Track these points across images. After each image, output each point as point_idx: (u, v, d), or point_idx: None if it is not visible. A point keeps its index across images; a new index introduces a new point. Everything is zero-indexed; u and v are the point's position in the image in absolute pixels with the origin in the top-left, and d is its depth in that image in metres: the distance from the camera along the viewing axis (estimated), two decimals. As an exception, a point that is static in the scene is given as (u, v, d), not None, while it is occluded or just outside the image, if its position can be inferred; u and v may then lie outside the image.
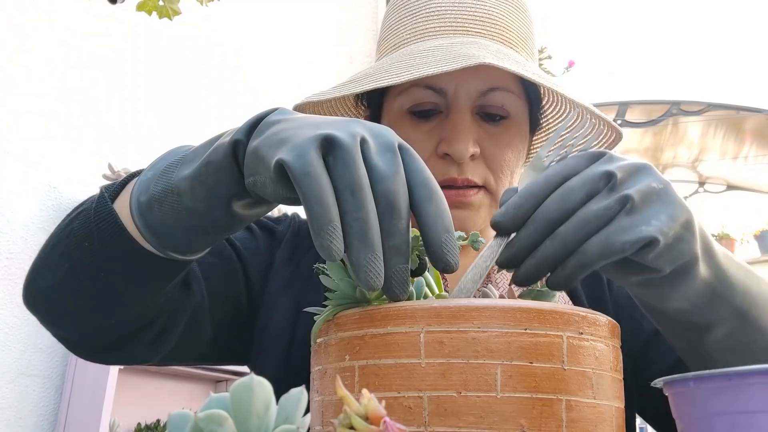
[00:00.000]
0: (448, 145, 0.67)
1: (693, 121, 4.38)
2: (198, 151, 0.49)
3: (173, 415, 0.27)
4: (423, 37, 0.70)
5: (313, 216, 0.37)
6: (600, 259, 0.42)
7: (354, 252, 0.38)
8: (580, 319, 0.40)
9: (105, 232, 0.52)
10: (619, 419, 0.41)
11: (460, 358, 0.37)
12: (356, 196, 0.38)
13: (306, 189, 0.37)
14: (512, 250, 0.45)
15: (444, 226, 0.40)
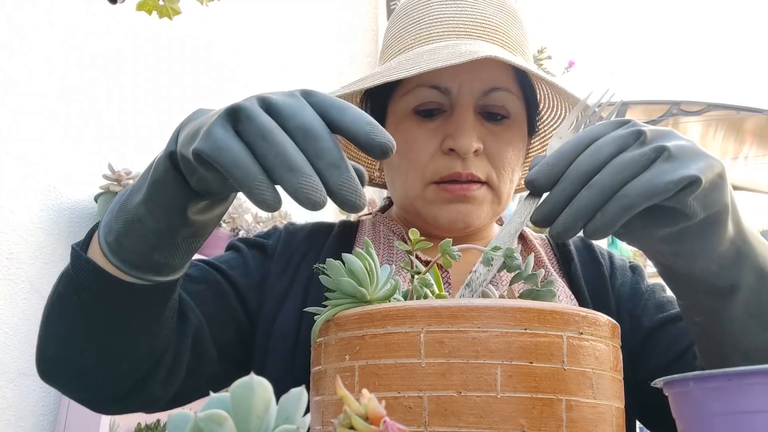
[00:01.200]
0: (453, 141, 0.69)
1: (693, 121, 4.38)
2: (143, 176, 0.51)
3: (173, 415, 0.27)
4: (427, 41, 0.73)
5: (239, 182, 0.38)
6: (643, 201, 0.43)
7: (286, 183, 0.38)
8: (580, 319, 0.40)
9: (87, 280, 0.53)
10: (619, 419, 0.41)
11: (460, 358, 0.37)
12: (267, 138, 0.39)
13: (223, 161, 0.39)
14: (547, 206, 0.46)
15: (365, 119, 0.40)
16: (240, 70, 2.72)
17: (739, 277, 0.52)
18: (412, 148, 0.72)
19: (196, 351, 0.65)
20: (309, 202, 0.37)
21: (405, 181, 0.73)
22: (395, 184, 0.76)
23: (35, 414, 1.78)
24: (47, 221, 1.89)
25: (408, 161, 0.72)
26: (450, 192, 0.70)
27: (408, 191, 0.73)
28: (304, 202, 0.37)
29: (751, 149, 4.83)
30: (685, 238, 0.49)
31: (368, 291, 0.43)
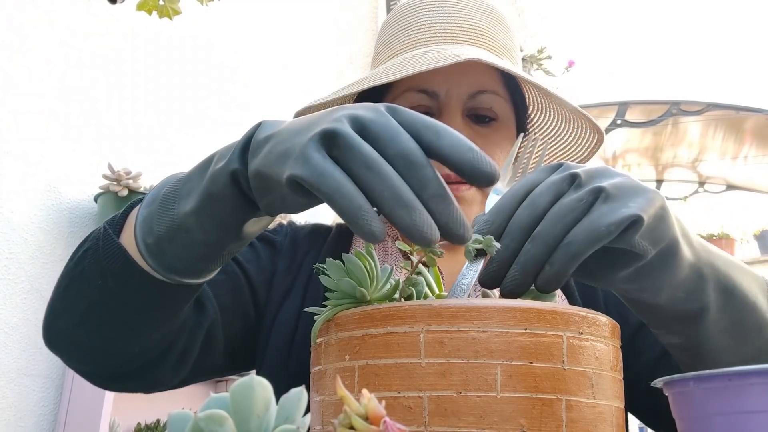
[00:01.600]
0: None
1: (693, 121, 4.38)
2: (192, 181, 0.48)
3: (173, 415, 0.27)
4: (415, 46, 0.74)
5: (343, 211, 0.36)
6: (587, 246, 0.42)
7: (398, 219, 0.36)
8: (580, 319, 0.40)
9: (117, 269, 0.52)
10: (620, 419, 0.41)
11: (460, 358, 0.37)
12: (373, 169, 0.36)
13: (326, 190, 0.36)
14: (493, 265, 0.45)
15: (466, 145, 0.38)
16: (240, 70, 2.72)
17: (706, 299, 0.51)
18: None
19: (207, 343, 0.65)
20: (424, 240, 0.36)
21: None
22: None
23: (35, 414, 1.78)
24: (47, 221, 1.89)
25: None
26: None
27: None
28: (419, 239, 0.36)
29: (751, 149, 4.84)
30: (643, 276, 0.48)
31: (368, 291, 0.43)
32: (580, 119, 0.78)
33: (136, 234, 0.51)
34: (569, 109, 0.77)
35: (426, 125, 0.39)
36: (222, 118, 2.57)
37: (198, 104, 2.47)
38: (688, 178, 5.53)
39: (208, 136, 2.50)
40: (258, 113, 2.77)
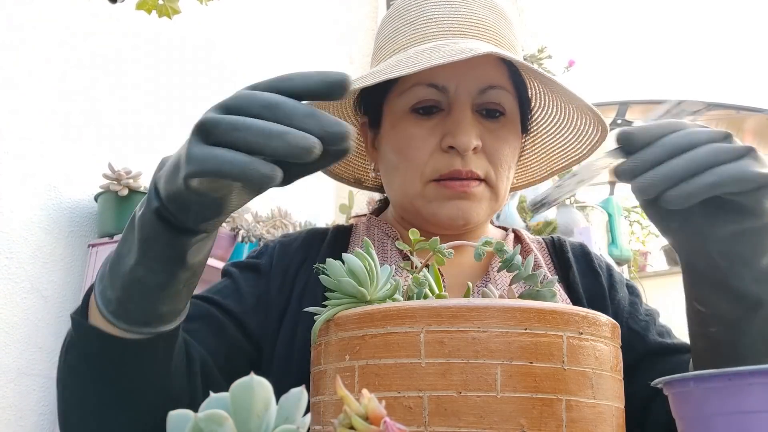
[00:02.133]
0: (453, 138, 0.69)
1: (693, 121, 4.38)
2: (126, 240, 0.51)
3: (173, 415, 0.27)
4: (422, 40, 0.72)
5: (235, 175, 0.39)
6: (731, 183, 0.46)
7: (276, 149, 0.39)
8: (580, 319, 0.40)
9: (96, 348, 0.54)
10: (619, 419, 0.41)
11: (460, 358, 0.37)
12: (239, 127, 0.40)
13: (212, 168, 0.40)
14: (635, 161, 0.48)
15: (312, 73, 0.43)
16: (240, 70, 2.72)
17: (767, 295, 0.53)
18: (411, 146, 0.72)
19: (206, 386, 0.65)
20: (304, 150, 0.39)
21: (404, 180, 0.73)
22: (393, 184, 0.76)
23: (35, 414, 1.78)
24: (47, 221, 1.89)
25: (407, 159, 0.72)
26: (450, 189, 0.70)
27: (407, 190, 0.73)
28: (300, 152, 0.39)
29: (751, 149, 4.83)
30: (742, 239, 0.50)
31: (368, 291, 0.43)
32: (585, 115, 0.77)
33: (99, 308, 0.53)
34: (576, 105, 0.76)
35: (279, 80, 0.43)
36: (222, 117, 2.57)
37: (198, 104, 2.47)
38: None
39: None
40: (258, 113, 2.77)
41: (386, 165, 0.76)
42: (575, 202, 2.71)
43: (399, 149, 0.73)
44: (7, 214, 1.79)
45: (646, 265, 5.27)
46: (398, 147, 0.73)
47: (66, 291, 1.93)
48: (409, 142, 0.72)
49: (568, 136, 0.83)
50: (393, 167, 0.74)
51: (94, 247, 1.97)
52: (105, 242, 1.95)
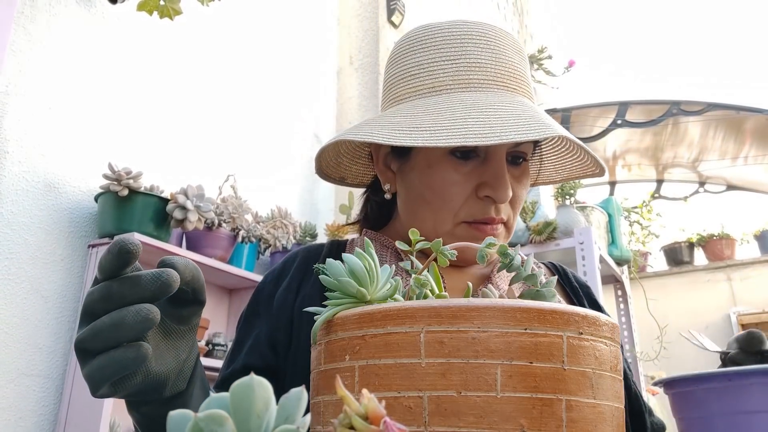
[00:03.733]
0: (493, 191, 0.74)
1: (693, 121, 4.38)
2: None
3: (173, 415, 0.27)
4: (468, 87, 0.74)
5: (120, 370, 0.46)
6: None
7: (129, 334, 0.45)
8: (580, 319, 0.40)
9: None
10: (619, 419, 0.41)
11: (460, 358, 0.37)
12: (95, 334, 0.46)
13: (102, 377, 0.46)
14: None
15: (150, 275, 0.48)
16: (240, 70, 2.72)
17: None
18: (448, 190, 0.75)
19: None
20: (146, 319, 0.45)
21: (435, 217, 0.76)
22: (421, 216, 0.78)
23: (35, 414, 1.78)
24: (47, 221, 1.89)
25: (442, 200, 0.76)
26: (482, 232, 0.75)
27: (438, 227, 0.76)
28: (145, 322, 0.45)
29: (751, 149, 4.84)
30: None
31: (368, 291, 0.43)
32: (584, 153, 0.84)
33: None
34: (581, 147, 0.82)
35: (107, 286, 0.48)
36: (222, 117, 2.57)
37: (198, 104, 2.47)
38: (688, 178, 5.53)
39: (209, 136, 2.50)
40: (258, 113, 2.77)
41: (414, 195, 0.79)
42: (575, 203, 2.71)
43: (434, 189, 0.76)
44: (7, 215, 1.79)
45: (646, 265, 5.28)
46: (433, 186, 0.76)
47: (66, 291, 1.93)
48: (447, 186, 0.75)
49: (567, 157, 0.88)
50: (424, 201, 0.77)
51: (94, 247, 1.97)
52: (105, 242, 1.95)
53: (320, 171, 0.88)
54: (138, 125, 2.21)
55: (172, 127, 2.35)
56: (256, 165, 2.68)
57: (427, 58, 0.77)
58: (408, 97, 0.78)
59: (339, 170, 0.90)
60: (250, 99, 2.73)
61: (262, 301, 0.82)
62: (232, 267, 2.29)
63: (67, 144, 1.98)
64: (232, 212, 2.25)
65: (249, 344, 0.78)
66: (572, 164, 0.88)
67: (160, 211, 2.00)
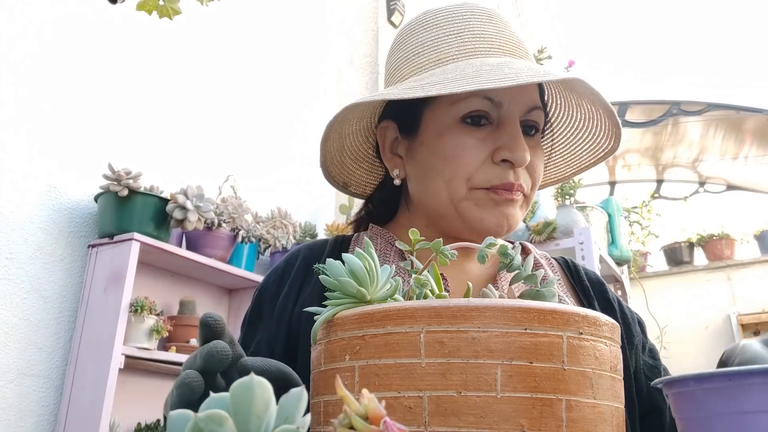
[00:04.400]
0: (511, 153, 0.72)
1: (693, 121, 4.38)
2: None
3: (173, 415, 0.27)
4: (475, 55, 0.74)
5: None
6: None
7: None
8: (580, 319, 0.40)
9: None
10: (619, 419, 0.41)
11: (460, 358, 0.37)
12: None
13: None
14: None
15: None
16: (240, 70, 2.72)
17: None
18: (462, 156, 0.72)
19: None
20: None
21: (448, 186, 0.74)
22: (433, 188, 0.75)
23: (35, 414, 1.78)
24: (47, 221, 1.89)
25: (455, 167, 0.73)
26: (501, 196, 0.73)
27: (452, 193, 0.73)
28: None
29: (751, 149, 4.84)
30: None
31: (368, 291, 0.43)
32: (597, 125, 0.81)
33: None
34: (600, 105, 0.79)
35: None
36: (222, 117, 2.57)
37: (198, 104, 2.47)
38: (688, 178, 5.53)
39: (209, 136, 2.50)
40: (258, 113, 2.77)
41: (423, 170, 0.76)
42: (575, 203, 2.71)
43: (447, 157, 0.73)
44: (8, 215, 1.79)
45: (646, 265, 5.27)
46: (446, 155, 0.73)
47: (66, 291, 1.93)
48: (461, 151, 0.72)
49: (578, 143, 0.86)
50: (436, 173, 0.74)
51: (94, 247, 1.97)
52: (105, 242, 1.95)
53: (324, 167, 0.86)
54: (138, 125, 2.21)
55: (172, 127, 2.35)
56: (256, 165, 2.68)
57: (430, 36, 0.77)
58: (414, 74, 0.76)
59: (342, 172, 0.88)
60: (250, 99, 2.73)
61: (264, 302, 0.81)
62: (232, 267, 2.29)
63: (67, 144, 1.98)
64: (232, 212, 2.25)
65: (251, 352, 0.77)
66: (583, 148, 0.85)
67: (160, 211, 2.00)
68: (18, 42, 1.88)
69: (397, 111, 0.80)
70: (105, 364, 1.78)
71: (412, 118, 0.78)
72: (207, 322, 0.48)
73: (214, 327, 0.48)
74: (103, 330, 1.84)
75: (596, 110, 0.81)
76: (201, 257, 2.16)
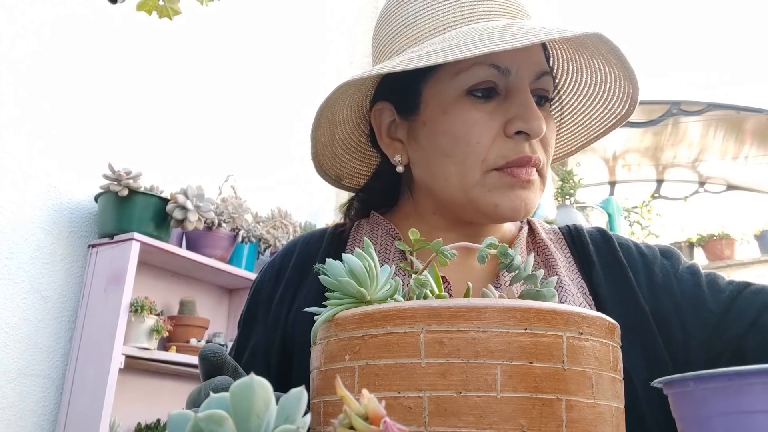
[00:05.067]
0: (525, 123, 0.65)
1: (693, 121, 4.39)
2: None
3: (173, 415, 0.27)
4: (475, 19, 0.68)
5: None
6: None
7: None
8: (580, 319, 0.40)
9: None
10: (619, 419, 0.41)
11: (460, 358, 0.37)
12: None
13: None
14: None
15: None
16: (240, 70, 2.72)
17: None
18: (472, 132, 0.66)
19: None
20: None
21: (461, 169, 0.67)
22: (440, 174, 0.69)
23: (35, 414, 1.78)
24: (47, 221, 1.89)
25: (466, 146, 0.66)
26: (516, 177, 0.66)
27: (465, 179, 0.67)
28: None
29: (751, 149, 4.84)
30: None
31: (368, 291, 0.43)
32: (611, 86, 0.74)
33: None
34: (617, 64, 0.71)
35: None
36: (222, 117, 2.57)
37: (198, 104, 2.47)
38: (688, 178, 5.53)
39: (209, 136, 2.50)
40: (258, 113, 2.77)
41: (429, 153, 0.70)
42: (575, 203, 2.71)
43: (455, 135, 0.66)
44: (8, 215, 1.79)
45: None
46: (454, 133, 0.66)
47: (66, 291, 1.93)
48: (470, 127, 0.66)
49: (588, 111, 0.79)
50: (445, 155, 0.68)
51: (94, 247, 1.97)
52: (105, 242, 1.95)
53: (316, 159, 0.80)
54: (138, 125, 2.21)
55: (172, 127, 2.35)
56: (256, 165, 2.68)
57: (422, 5, 0.70)
58: (409, 45, 0.69)
59: (335, 164, 0.83)
60: (250, 99, 2.73)
61: (260, 303, 0.78)
62: (232, 267, 2.29)
63: (67, 144, 1.98)
64: (232, 212, 2.25)
65: (246, 356, 0.75)
66: (593, 116, 0.78)
67: (160, 211, 2.00)
68: (18, 42, 1.88)
69: (393, 90, 0.73)
70: (105, 364, 1.78)
71: (411, 95, 0.71)
72: (207, 356, 0.47)
73: (214, 360, 0.47)
74: (103, 330, 1.84)
75: (610, 70, 0.73)
76: (201, 257, 2.16)
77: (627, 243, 0.77)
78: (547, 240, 0.77)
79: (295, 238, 0.83)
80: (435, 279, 0.49)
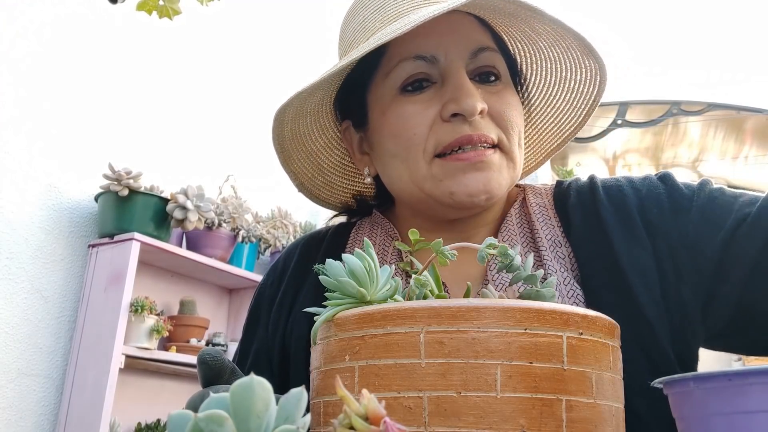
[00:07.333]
0: (457, 103, 0.63)
1: (693, 121, 4.39)
2: None
3: (173, 415, 0.27)
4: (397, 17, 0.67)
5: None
6: None
7: None
8: (580, 319, 0.40)
9: None
10: (619, 419, 0.41)
11: (460, 358, 0.37)
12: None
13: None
14: None
15: None
16: (240, 70, 2.72)
17: None
18: (407, 125, 0.65)
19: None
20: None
21: (408, 164, 0.66)
22: (395, 175, 0.68)
23: (35, 413, 1.78)
24: (47, 221, 1.89)
25: (406, 140, 0.65)
26: (464, 160, 0.63)
27: (413, 174, 0.66)
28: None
29: (751, 149, 4.84)
30: None
31: (368, 291, 0.43)
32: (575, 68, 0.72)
33: None
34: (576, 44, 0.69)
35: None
36: (222, 117, 2.57)
37: (198, 104, 2.47)
38: (688, 178, 5.53)
39: (209, 136, 2.50)
40: (258, 113, 2.77)
41: (383, 157, 0.69)
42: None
43: (394, 133, 0.66)
44: (8, 215, 1.79)
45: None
46: (393, 131, 0.66)
47: (66, 291, 1.93)
48: (405, 121, 0.65)
49: (561, 104, 0.77)
50: (391, 156, 0.67)
51: (94, 247, 1.97)
52: (105, 242, 1.95)
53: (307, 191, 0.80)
54: (138, 125, 2.21)
55: (172, 127, 2.35)
56: (256, 165, 2.68)
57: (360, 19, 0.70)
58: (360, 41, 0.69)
59: (334, 193, 0.83)
60: (250, 99, 2.73)
61: (262, 306, 0.79)
62: (232, 267, 2.29)
63: (67, 144, 1.98)
64: (232, 212, 2.25)
65: (250, 360, 0.76)
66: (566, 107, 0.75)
67: (160, 211, 2.01)
68: (18, 42, 1.88)
69: (345, 108, 0.74)
70: (105, 364, 1.78)
71: (358, 108, 0.72)
72: (205, 360, 0.47)
73: (212, 364, 0.47)
74: (103, 330, 1.84)
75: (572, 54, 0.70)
76: (201, 257, 2.16)
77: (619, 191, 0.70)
78: (534, 212, 0.72)
79: (297, 240, 0.84)
80: (435, 279, 0.49)
